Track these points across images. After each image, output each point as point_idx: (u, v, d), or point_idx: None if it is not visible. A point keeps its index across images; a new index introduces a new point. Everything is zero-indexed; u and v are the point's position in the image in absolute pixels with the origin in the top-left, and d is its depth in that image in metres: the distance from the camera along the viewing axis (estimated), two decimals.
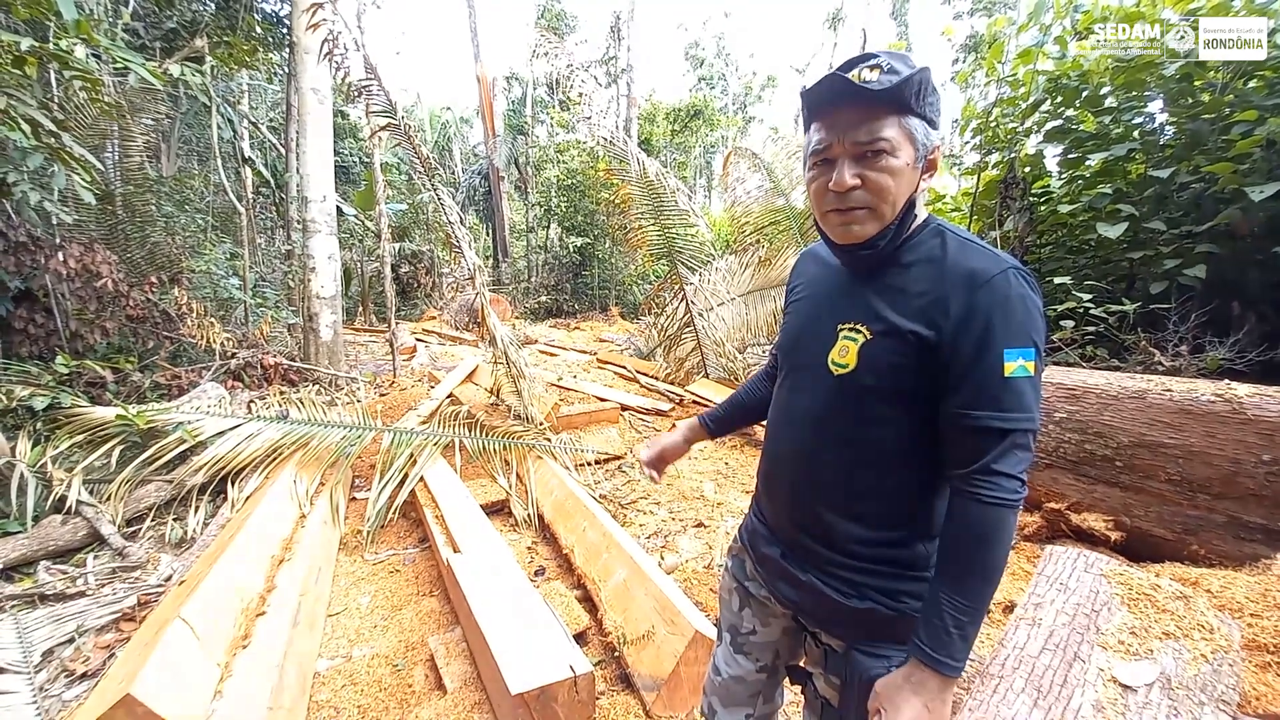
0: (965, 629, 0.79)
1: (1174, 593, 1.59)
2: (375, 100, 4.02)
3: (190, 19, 6.28)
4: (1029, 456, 0.81)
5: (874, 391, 0.87)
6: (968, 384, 0.80)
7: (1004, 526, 0.79)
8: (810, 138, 0.89)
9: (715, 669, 1.19)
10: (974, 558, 0.80)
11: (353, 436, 3.59)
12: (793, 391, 1.01)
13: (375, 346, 8.59)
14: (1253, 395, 2.33)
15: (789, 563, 1.01)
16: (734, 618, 1.16)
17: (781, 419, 1.03)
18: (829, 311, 0.95)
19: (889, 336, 0.85)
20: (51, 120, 3.38)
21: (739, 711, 1.15)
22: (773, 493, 1.06)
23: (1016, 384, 0.78)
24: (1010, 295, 0.80)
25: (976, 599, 0.79)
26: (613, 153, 5.44)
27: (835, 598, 0.93)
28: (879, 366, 0.86)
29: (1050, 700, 1.30)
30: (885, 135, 0.81)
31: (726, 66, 23.91)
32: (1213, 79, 4.85)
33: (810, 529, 0.97)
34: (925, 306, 0.83)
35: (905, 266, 0.88)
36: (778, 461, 1.04)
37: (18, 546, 2.59)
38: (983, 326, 0.79)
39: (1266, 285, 4.62)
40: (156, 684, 1.46)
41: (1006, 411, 0.78)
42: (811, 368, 0.95)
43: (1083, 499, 2.75)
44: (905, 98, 0.81)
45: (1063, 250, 6.28)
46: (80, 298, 4.16)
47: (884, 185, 0.83)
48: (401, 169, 14.16)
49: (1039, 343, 0.80)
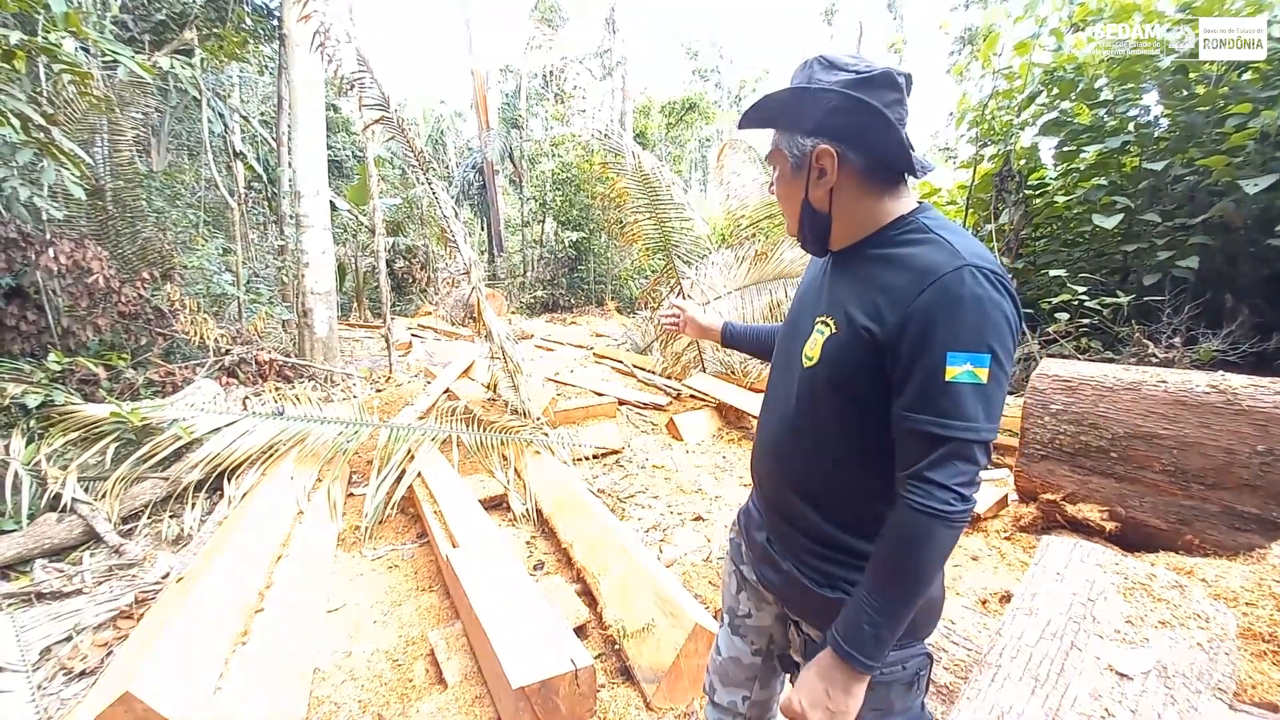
0: (880, 630, 0.78)
1: (1169, 582, 1.60)
2: (368, 93, 3.99)
3: (179, 11, 6.20)
4: (972, 470, 0.76)
5: (830, 386, 0.87)
6: (909, 385, 0.77)
7: (931, 537, 0.75)
8: None
9: (717, 648, 1.22)
10: (896, 563, 0.79)
11: (349, 432, 3.57)
12: (775, 381, 1.06)
13: (371, 342, 8.56)
14: (1247, 386, 2.35)
15: (772, 548, 1.03)
16: (732, 600, 1.19)
17: (764, 405, 1.09)
18: (812, 304, 0.98)
19: (848, 331, 0.84)
20: (41, 115, 3.33)
21: (736, 692, 1.17)
22: (757, 478, 1.11)
23: (958, 389, 0.74)
24: (963, 295, 0.74)
25: (894, 604, 0.78)
26: (608, 146, 5.42)
27: (810, 586, 0.95)
28: (835, 361, 0.86)
29: (1048, 689, 1.31)
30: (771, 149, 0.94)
31: (721, 59, 23.83)
32: (1208, 71, 4.86)
33: (785, 514, 1.00)
34: (878, 302, 0.81)
35: (873, 259, 0.87)
36: (759, 446, 1.08)
37: (13, 544, 2.58)
38: (924, 327, 0.75)
39: (1259, 277, 4.66)
40: (156, 681, 1.46)
41: (943, 418, 0.75)
42: (789, 359, 0.99)
43: (1078, 490, 2.77)
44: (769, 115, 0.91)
45: (1058, 243, 6.30)
46: (71, 294, 4.12)
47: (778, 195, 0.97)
48: (395, 163, 14.05)
49: (996, 348, 0.74)
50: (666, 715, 1.79)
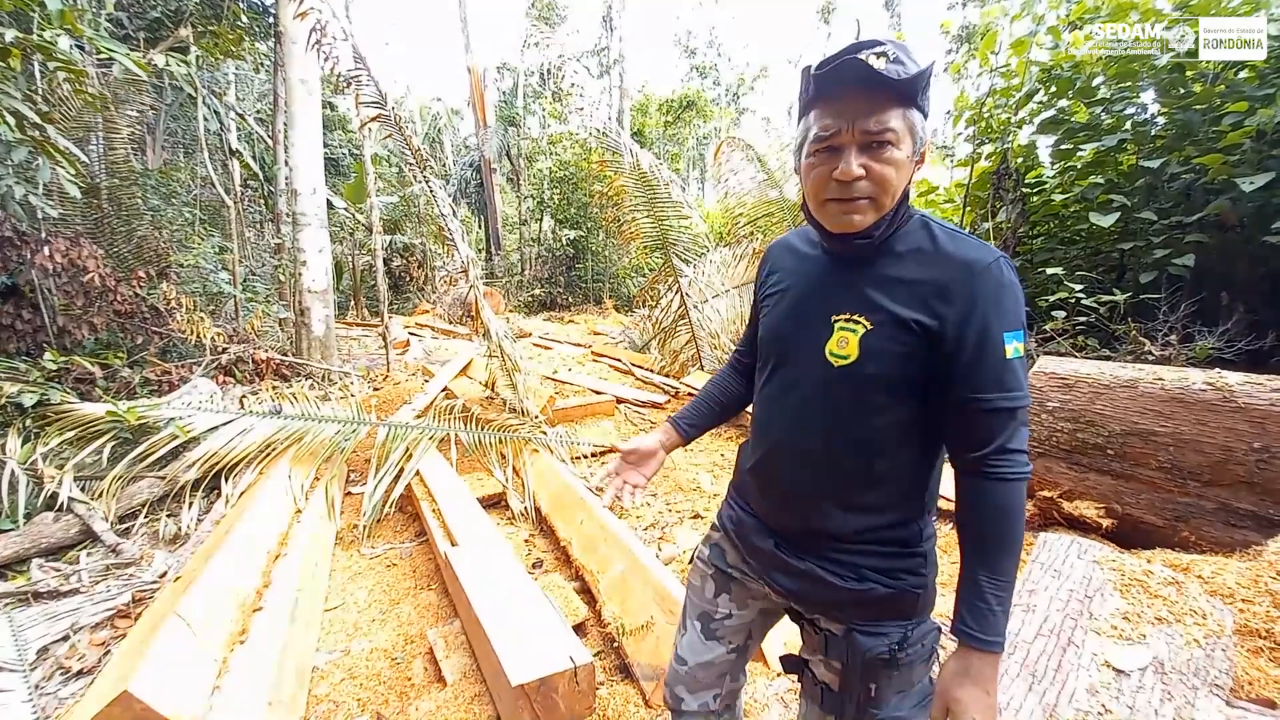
0: (1005, 603, 0.84)
1: (1166, 579, 1.61)
2: (364, 91, 3.97)
3: (175, 8, 6.17)
4: (1028, 431, 0.88)
5: (876, 380, 0.88)
6: (976, 369, 0.83)
7: (1022, 499, 0.85)
8: (812, 123, 0.87)
9: (680, 659, 1.17)
10: (1004, 533, 0.84)
11: (347, 431, 3.57)
12: (786, 385, 0.99)
13: (368, 340, 8.54)
14: (1243, 383, 2.36)
15: (784, 553, 1.00)
16: (707, 604, 1.15)
17: (775, 413, 1.01)
18: (820, 303, 0.94)
19: (890, 326, 0.86)
20: (36, 113, 3.31)
21: (706, 694, 1.16)
22: (767, 487, 1.04)
23: (1013, 365, 0.83)
24: (1004, 282, 0.84)
25: (1011, 572, 0.84)
26: (606, 144, 5.41)
27: (835, 582, 0.94)
28: (881, 356, 0.87)
29: (1045, 685, 1.32)
30: (893, 126, 0.81)
31: (719, 56, 23.79)
32: (1204, 69, 4.87)
33: (810, 520, 0.97)
34: (926, 295, 0.85)
35: (898, 256, 0.89)
36: (774, 456, 1.02)
37: (10, 544, 2.57)
38: (984, 313, 0.83)
39: (1255, 275, 4.67)
40: (154, 680, 1.45)
41: (1011, 391, 0.83)
42: (806, 360, 0.95)
43: (1075, 487, 2.78)
44: (914, 91, 0.81)
45: (1054, 241, 6.31)
46: (67, 293, 4.11)
47: (887, 176, 0.83)
48: (392, 161, 14.00)
49: (1024, 326, 0.86)
50: (665, 712, 1.79)
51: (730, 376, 1.27)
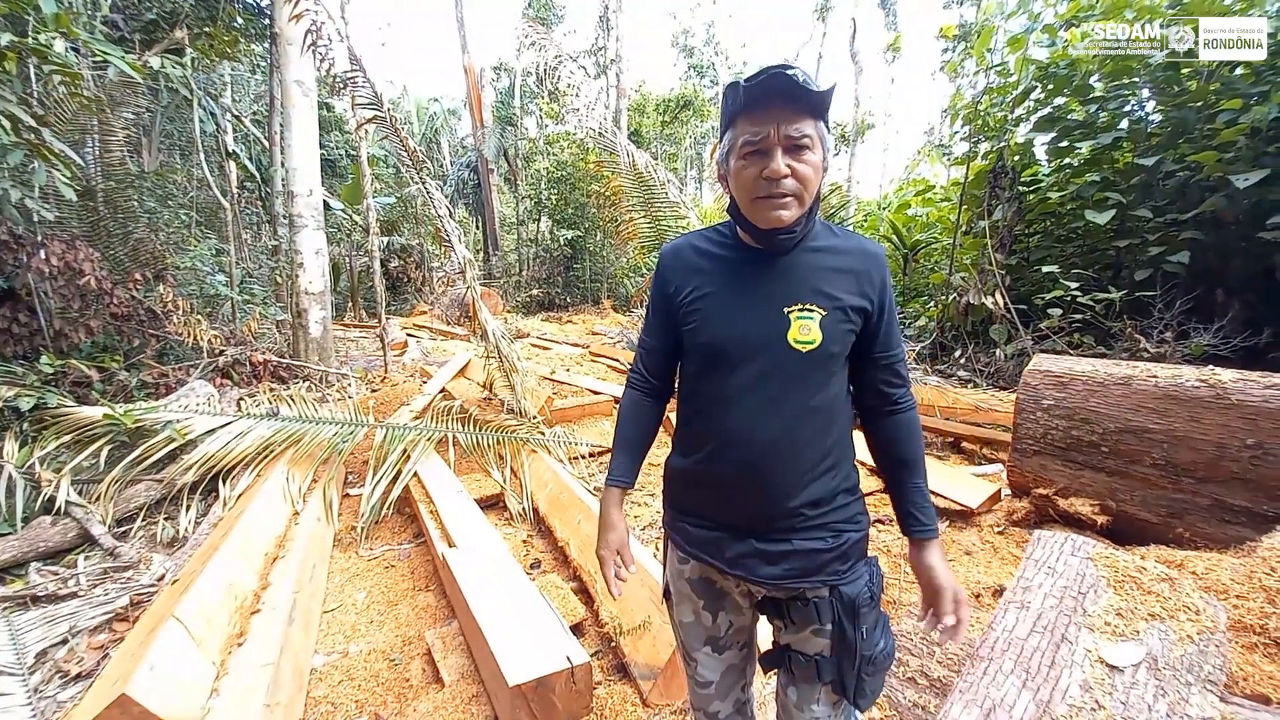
0: (930, 498, 1.09)
1: (1159, 575, 1.62)
2: (361, 92, 3.97)
3: (170, 10, 6.15)
4: None
5: (835, 358, 1.02)
6: (887, 333, 1.07)
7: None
8: (738, 131, 0.96)
9: (701, 683, 1.17)
10: (920, 449, 1.11)
11: (345, 433, 3.57)
12: (752, 379, 0.99)
13: (366, 342, 8.54)
14: (1236, 380, 2.37)
15: (765, 544, 1.01)
16: (710, 630, 1.14)
17: (737, 410, 1.00)
18: (764, 298, 1.01)
19: (840, 310, 1.01)
20: (31, 116, 3.31)
21: (735, 690, 1.20)
22: (732, 486, 1.03)
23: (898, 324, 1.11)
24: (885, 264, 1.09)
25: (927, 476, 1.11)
26: (603, 145, 5.41)
27: (820, 547, 1.02)
28: (837, 336, 1.00)
29: (1039, 681, 1.32)
30: (809, 133, 0.93)
31: (716, 55, 23.79)
32: (1199, 67, 4.88)
33: (789, 498, 0.99)
34: (858, 282, 1.03)
35: (815, 250, 1.04)
36: (737, 450, 1.01)
37: (7, 548, 2.57)
38: (887, 290, 1.06)
39: (1250, 272, 4.68)
40: (152, 683, 1.46)
41: (902, 345, 1.12)
42: (772, 351, 0.98)
43: (1069, 484, 2.79)
44: (825, 105, 0.94)
45: (1051, 239, 6.33)
46: (63, 296, 4.10)
47: (807, 175, 0.95)
48: (389, 162, 14.00)
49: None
50: (663, 711, 1.80)
51: (645, 406, 1.23)
